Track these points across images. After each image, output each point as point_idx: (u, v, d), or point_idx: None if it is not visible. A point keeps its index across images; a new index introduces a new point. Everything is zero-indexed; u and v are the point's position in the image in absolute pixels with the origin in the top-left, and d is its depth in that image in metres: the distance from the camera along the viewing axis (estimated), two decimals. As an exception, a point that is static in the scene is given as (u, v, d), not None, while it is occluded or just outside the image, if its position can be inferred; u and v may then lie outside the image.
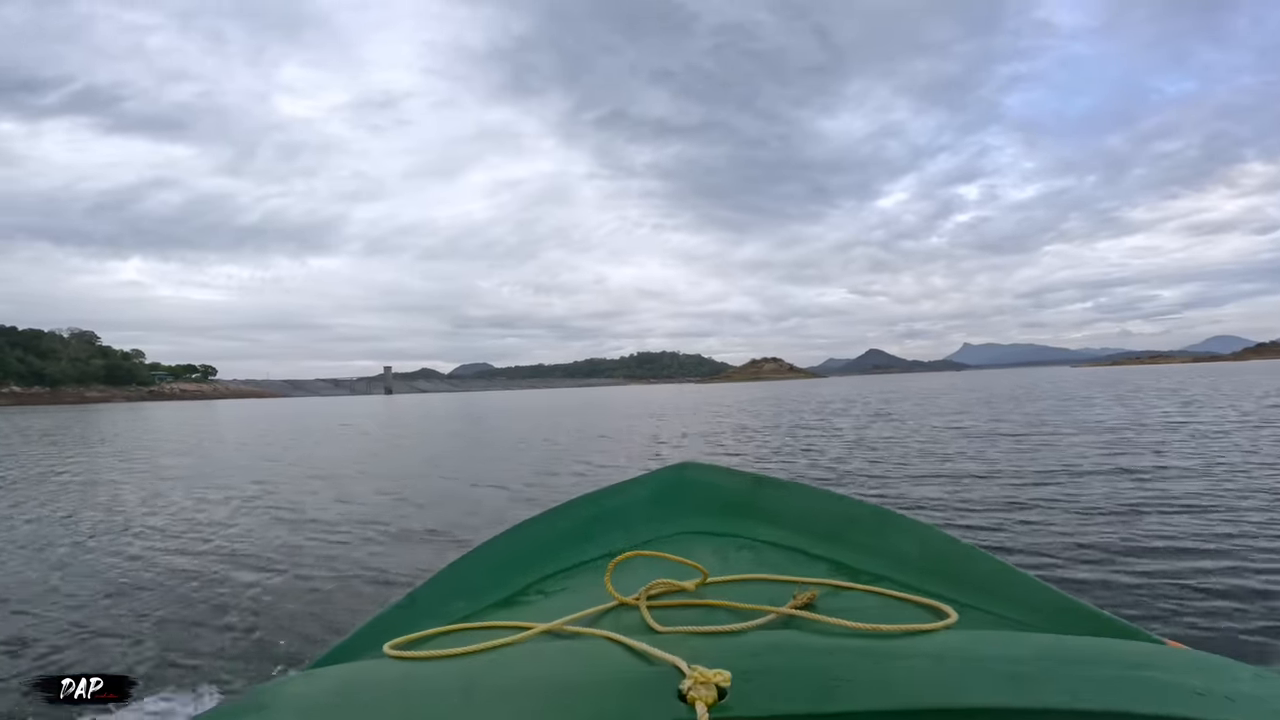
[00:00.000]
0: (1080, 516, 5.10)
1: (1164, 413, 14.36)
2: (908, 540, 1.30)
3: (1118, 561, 3.94)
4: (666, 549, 1.29)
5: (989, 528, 4.94)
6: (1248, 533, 4.40)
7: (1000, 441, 10.26)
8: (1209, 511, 5.07)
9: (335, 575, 4.32)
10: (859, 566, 1.24)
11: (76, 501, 7.82)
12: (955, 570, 1.17)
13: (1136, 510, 5.22)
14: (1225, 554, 3.98)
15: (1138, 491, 5.96)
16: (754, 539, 1.46)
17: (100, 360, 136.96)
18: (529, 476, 8.69)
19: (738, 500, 1.62)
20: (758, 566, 1.26)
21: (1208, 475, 6.62)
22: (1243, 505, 5.23)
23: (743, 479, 1.73)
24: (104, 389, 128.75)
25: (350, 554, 4.89)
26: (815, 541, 1.39)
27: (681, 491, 1.69)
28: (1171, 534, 4.47)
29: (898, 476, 7.47)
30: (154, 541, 5.57)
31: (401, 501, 7.13)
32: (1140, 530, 4.60)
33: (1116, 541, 4.34)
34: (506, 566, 1.36)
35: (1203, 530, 4.52)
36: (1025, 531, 4.76)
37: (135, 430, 23.62)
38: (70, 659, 3.08)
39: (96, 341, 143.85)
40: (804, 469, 8.60)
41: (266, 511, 6.76)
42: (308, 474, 9.86)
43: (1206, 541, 4.26)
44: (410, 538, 5.41)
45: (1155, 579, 3.60)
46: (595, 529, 1.53)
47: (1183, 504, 5.39)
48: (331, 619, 3.50)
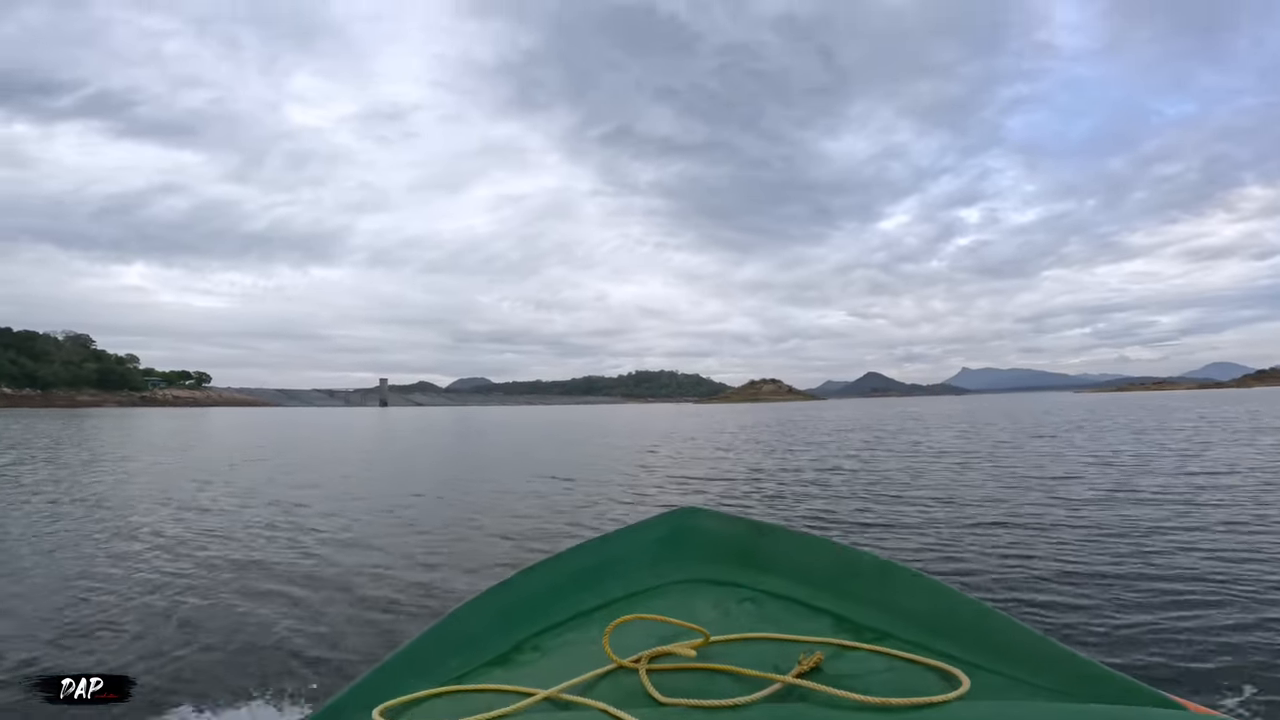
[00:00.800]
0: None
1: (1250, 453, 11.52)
2: (913, 595, 1.26)
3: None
4: (668, 600, 1.38)
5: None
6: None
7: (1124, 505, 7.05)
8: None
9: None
10: (863, 622, 1.22)
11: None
12: (963, 628, 1.13)
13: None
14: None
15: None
16: (756, 589, 1.42)
17: (94, 364, 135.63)
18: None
19: (740, 548, 1.59)
20: (760, 622, 1.25)
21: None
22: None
23: (745, 526, 1.71)
24: (96, 393, 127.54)
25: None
26: (818, 593, 1.36)
27: (683, 538, 1.66)
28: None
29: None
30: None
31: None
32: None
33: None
34: (504, 619, 1.31)
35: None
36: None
37: (100, 441, 21.92)
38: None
39: (91, 345, 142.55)
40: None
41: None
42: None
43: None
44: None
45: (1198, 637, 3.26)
46: (596, 578, 1.49)
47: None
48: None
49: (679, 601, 1.32)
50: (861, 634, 1.15)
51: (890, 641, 1.11)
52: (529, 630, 1.29)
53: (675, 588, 1.46)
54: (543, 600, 1.39)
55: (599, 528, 6.20)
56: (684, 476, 11.25)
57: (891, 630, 1.16)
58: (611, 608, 1.32)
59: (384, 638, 3.54)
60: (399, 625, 3.77)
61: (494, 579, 1.45)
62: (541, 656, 1.19)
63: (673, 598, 1.36)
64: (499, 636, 1.25)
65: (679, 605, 1.28)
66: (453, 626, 1.26)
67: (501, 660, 1.18)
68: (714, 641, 1.10)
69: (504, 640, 1.24)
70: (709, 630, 1.11)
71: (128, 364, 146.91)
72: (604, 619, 1.16)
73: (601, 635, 1.06)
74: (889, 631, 1.16)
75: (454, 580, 4.74)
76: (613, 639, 1.05)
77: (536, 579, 1.45)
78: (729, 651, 1.09)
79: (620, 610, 1.25)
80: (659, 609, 1.23)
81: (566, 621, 1.32)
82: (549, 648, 1.23)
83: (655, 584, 1.48)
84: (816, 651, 1.03)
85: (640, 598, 1.37)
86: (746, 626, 1.20)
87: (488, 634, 1.25)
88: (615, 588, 1.45)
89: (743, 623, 1.24)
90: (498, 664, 1.17)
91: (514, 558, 5.34)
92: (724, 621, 1.24)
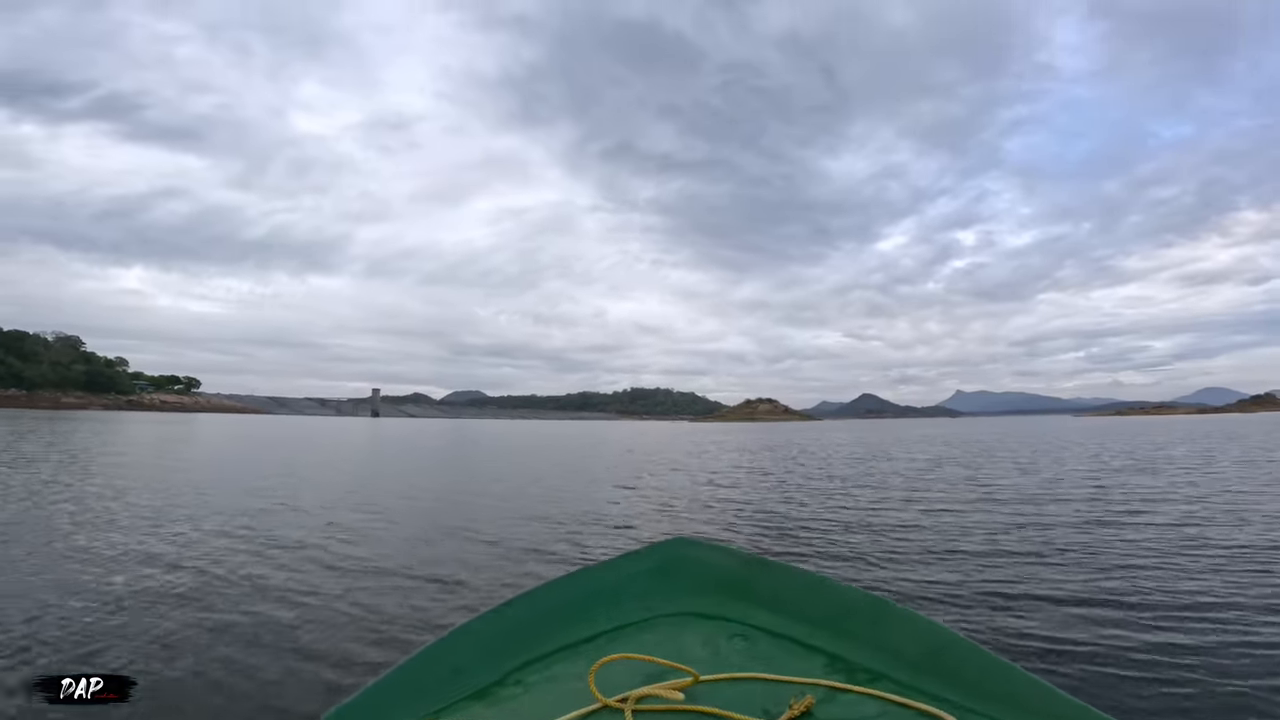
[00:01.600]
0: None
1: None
2: (906, 634, 1.23)
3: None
4: (657, 634, 1.34)
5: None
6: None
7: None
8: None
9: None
10: (856, 661, 1.20)
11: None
12: (957, 670, 1.12)
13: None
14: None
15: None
16: (747, 624, 1.38)
17: (82, 366, 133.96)
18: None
19: (732, 581, 1.55)
20: (750, 661, 1.22)
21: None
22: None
23: (737, 558, 1.66)
24: (82, 395, 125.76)
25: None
26: (811, 631, 1.32)
27: (674, 569, 1.62)
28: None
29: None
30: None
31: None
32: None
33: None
34: (488, 650, 1.28)
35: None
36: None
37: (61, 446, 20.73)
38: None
39: (81, 347, 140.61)
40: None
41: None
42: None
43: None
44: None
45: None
46: (583, 609, 1.45)
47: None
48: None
49: (668, 636, 1.32)
50: (855, 675, 1.13)
51: (884, 683, 1.09)
52: (513, 663, 1.24)
53: (664, 621, 1.41)
54: (529, 631, 1.34)
55: (575, 560, 5.72)
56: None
57: (885, 671, 1.14)
58: (599, 640, 1.32)
59: (364, 666, 3.25)
60: (386, 648, 3.48)
61: (462, 610, 1.49)
62: (525, 692, 1.15)
63: (662, 632, 1.35)
64: (482, 669, 1.21)
65: (668, 640, 1.29)
66: (435, 656, 1.21)
67: (483, 694, 1.14)
68: (702, 681, 1.08)
69: (487, 673, 1.20)
70: (698, 669, 1.09)
71: (116, 367, 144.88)
72: (591, 652, 1.21)
73: (587, 671, 1.04)
74: (883, 673, 1.14)
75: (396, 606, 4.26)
76: (598, 677, 1.03)
77: (523, 609, 1.40)
78: (717, 692, 1.07)
79: (608, 643, 1.29)
80: (648, 643, 1.26)
81: (553, 654, 1.28)
82: (533, 683, 1.18)
83: (644, 617, 1.43)
84: (807, 694, 1.02)
85: (629, 631, 1.36)
86: (736, 665, 1.18)
87: (470, 665, 1.22)
88: (603, 620, 1.40)
89: (733, 661, 1.21)
90: (479, 698, 1.13)
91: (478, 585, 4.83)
92: (713, 659, 1.21)
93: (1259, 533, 6.65)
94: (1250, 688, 3.01)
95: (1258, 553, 5.70)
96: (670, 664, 1.08)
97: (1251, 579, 4.83)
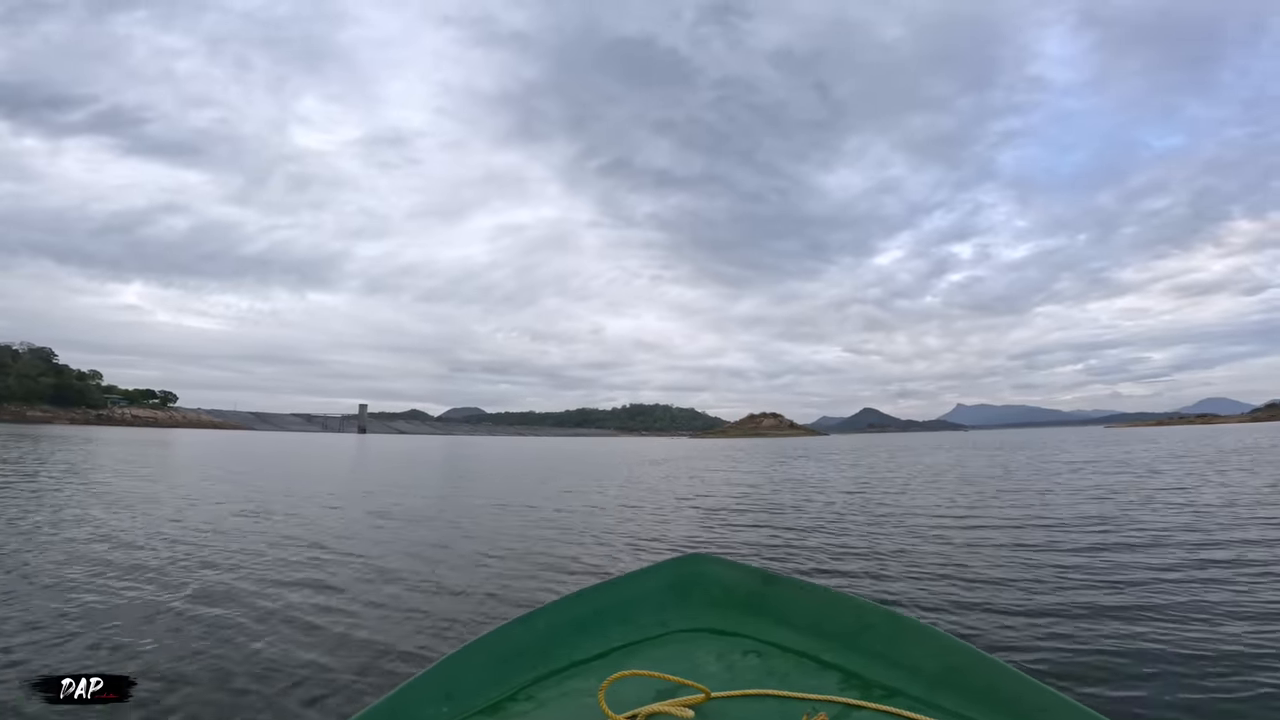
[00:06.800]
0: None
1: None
2: (923, 650, 1.22)
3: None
4: (670, 650, 1.35)
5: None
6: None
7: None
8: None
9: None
10: (872, 678, 1.18)
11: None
12: (974, 684, 1.10)
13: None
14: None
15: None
16: (762, 640, 1.39)
17: (51, 379, 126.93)
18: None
19: (747, 597, 1.56)
20: (765, 677, 1.21)
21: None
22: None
23: (753, 575, 1.65)
24: (48, 409, 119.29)
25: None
26: (827, 647, 1.32)
27: (690, 585, 1.63)
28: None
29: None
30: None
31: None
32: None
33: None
34: (501, 665, 1.28)
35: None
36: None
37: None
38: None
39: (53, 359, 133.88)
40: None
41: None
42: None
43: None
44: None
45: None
46: (597, 625, 1.46)
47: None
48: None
49: (681, 652, 1.32)
50: (870, 691, 1.12)
51: (899, 700, 1.08)
52: (526, 678, 1.25)
53: (678, 637, 1.43)
54: (541, 646, 1.34)
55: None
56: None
57: (901, 687, 1.13)
58: (612, 656, 1.32)
59: (381, 676, 3.15)
60: (394, 659, 3.39)
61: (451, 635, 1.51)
62: (536, 708, 1.15)
63: (675, 648, 1.36)
64: (494, 684, 1.22)
65: (681, 656, 1.29)
66: (447, 671, 1.22)
67: (494, 709, 1.15)
68: (714, 698, 1.07)
69: (499, 688, 1.21)
70: (710, 686, 1.09)
71: (89, 380, 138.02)
72: (603, 668, 1.20)
73: (598, 688, 1.03)
74: (899, 689, 1.13)
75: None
76: (609, 694, 1.02)
77: (536, 624, 1.40)
78: (729, 710, 1.07)
79: (621, 659, 1.29)
80: (661, 659, 1.25)
81: (565, 670, 1.28)
82: (544, 698, 1.18)
83: (658, 633, 1.45)
84: (821, 711, 1.02)
85: (642, 646, 1.37)
86: (750, 681, 1.17)
87: (482, 680, 1.22)
88: (616, 636, 1.42)
89: (746, 677, 1.21)
90: (490, 713, 1.14)
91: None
92: (727, 676, 1.21)
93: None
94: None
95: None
96: (682, 680, 1.08)
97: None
